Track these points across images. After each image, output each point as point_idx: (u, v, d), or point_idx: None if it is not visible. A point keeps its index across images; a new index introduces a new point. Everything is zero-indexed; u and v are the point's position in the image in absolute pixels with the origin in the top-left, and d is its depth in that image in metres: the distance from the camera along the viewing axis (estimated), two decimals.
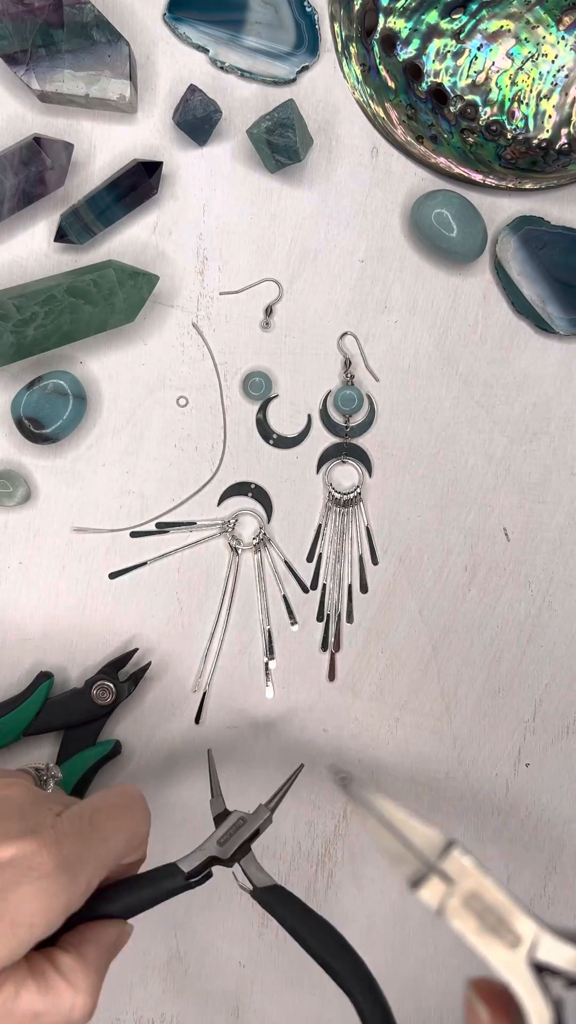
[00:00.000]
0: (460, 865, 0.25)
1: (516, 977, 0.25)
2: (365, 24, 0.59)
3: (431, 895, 0.25)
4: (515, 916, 0.25)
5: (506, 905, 0.25)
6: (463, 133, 0.59)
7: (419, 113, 0.59)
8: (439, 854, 0.25)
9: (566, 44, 0.56)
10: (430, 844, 0.25)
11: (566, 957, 0.25)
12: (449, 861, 0.25)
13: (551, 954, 0.25)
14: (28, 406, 0.58)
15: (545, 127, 0.58)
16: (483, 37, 0.56)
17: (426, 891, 0.25)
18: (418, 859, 0.25)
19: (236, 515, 0.62)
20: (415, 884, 0.25)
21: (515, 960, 0.25)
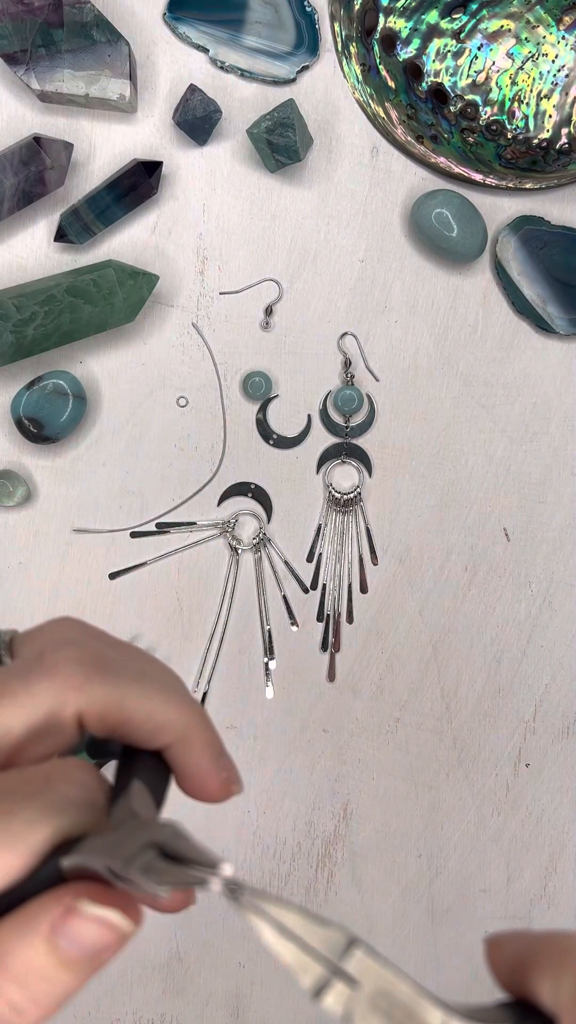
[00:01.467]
0: (363, 963, 0.24)
1: None
2: (365, 24, 0.58)
3: (336, 1002, 0.24)
4: (422, 1007, 0.24)
5: (413, 998, 0.24)
6: (463, 133, 0.59)
7: (419, 113, 0.59)
8: (341, 954, 0.24)
9: (566, 44, 0.56)
10: (331, 945, 0.24)
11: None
12: (353, 962, 0.24)
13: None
14: (28, 406, 0.58)
15: (545, 127, 0.57)
16: (483, 37, 0.56)
17: (330, 998, 0.24)
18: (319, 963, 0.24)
19: (236, 515, 0.62)
20: (318, 993, 0.24)
21: None
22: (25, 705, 0.26)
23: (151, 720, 0.28)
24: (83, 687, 0.27)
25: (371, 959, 0.24)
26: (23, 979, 0.24)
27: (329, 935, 0.24)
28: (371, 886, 0.65)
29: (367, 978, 0.24)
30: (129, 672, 0.28)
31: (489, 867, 0.65)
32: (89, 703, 0.27)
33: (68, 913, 0.24)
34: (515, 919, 0.66)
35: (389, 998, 0.24)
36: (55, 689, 0.26)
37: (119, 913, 0.24)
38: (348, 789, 0.64)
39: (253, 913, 0.24)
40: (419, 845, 0.65)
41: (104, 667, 0.28)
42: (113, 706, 0.27)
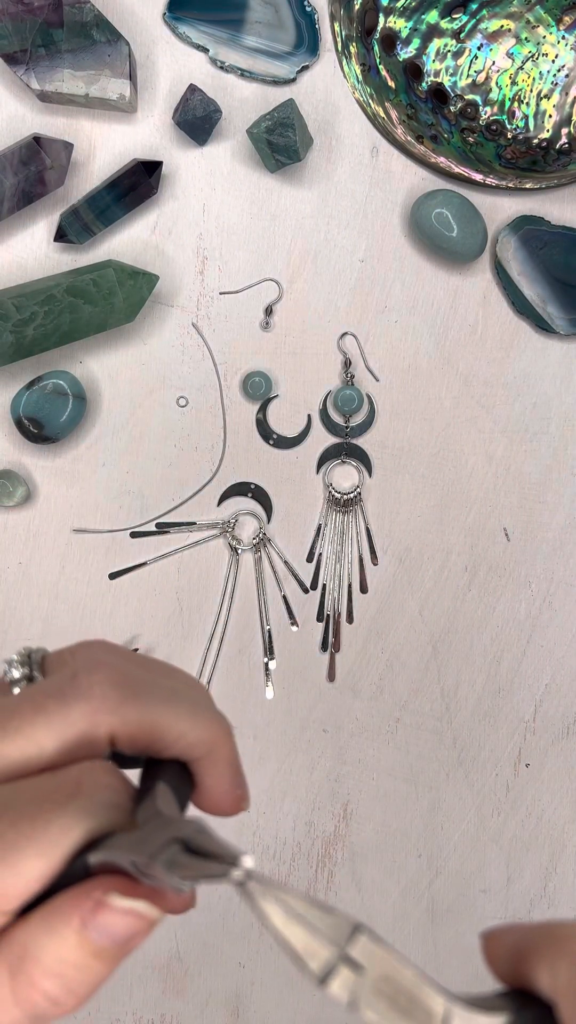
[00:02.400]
0: (368, 949, 0.24)
1: None
2: (365, 23, 0.58)
3: (341, 987, 0.24)
4: (425, 993, 0.25)
5: (416, 983, 0.25)
6: (463, 133, 0.59)
7: (419, 113, 0.59)
8: (346, 940, 0.24)
9: (566, 44, 0.56)
10: (336, 931, 0.24)
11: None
12: (358, 947, 0.24)
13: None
14: (28, 406, 0.58)
15: (545, 127, 0.57)
16: (483, 37, 0.56)
17: (336, 984, 0.24)
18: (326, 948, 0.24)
19: (236, 515, 0.62)
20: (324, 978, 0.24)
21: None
22: (59, 724, 0.26)
23: (182, 739, 0.29)
24: (117, 709, 0.27)
25: (375, 945, 0.24)
26: (57, 971, 0.24)
27: (334, 921, 0.24)
28: (371, 886, 0.65)
29: (371, 964, 0.24)
30: (162, 693, 0.29)
31: (489, 867, 0.65)
32: (123, 724, 0.27)
33: (98, 906, 0.25)
34: (515, 919, 0.66)
35: (393, 983, 0.24)
36: (90, 710, 0.27)
37: (146, 903, 0.25)
38: (348, 789, 0.64)
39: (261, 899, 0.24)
40: (419, 845, 0.65)
41: (138, 689, 0.28)
42: (146, 727, 0.28)
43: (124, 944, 0.25)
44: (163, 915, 0.26)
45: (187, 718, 0.28)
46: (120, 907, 0.25)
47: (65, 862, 0.25)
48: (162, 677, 0.30)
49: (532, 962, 0.25)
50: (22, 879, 0.24)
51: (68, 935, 0.24)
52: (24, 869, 0.24)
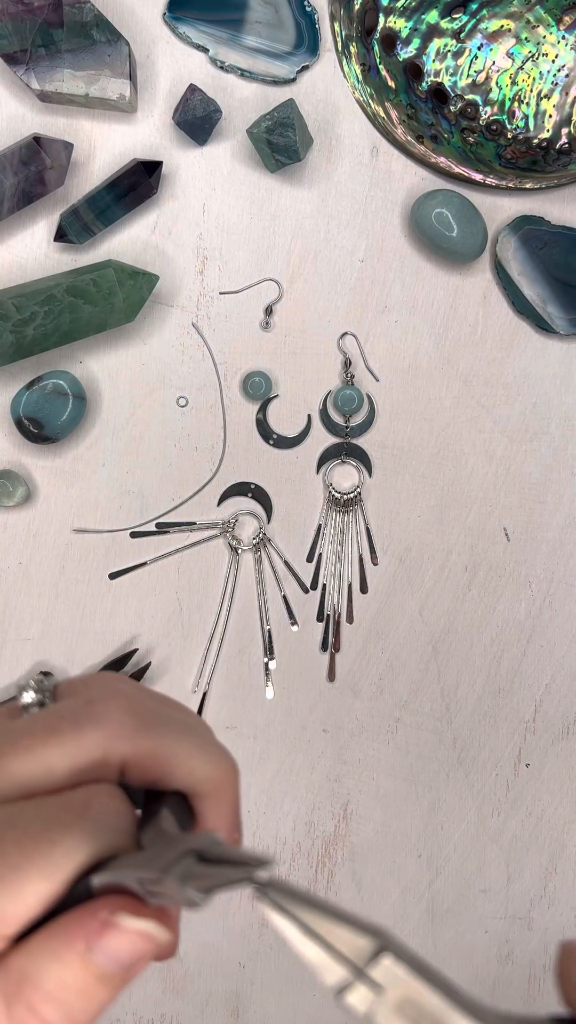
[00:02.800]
0: (391, 973, 0.23)
1: None
2: (365, 23, 0.58)
3: (359, 1001, 0.23)
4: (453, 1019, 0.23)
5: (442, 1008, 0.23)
6: (463, 133, 0.59)
7: (419, 113, 0.59)
8: (367, 961, 0.23)
9: (566, 43, 0.56)
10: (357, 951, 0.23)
11: None
12: (379, 969, 0.23)
13: None
14: (28, 406, 0.58)
15: (545, 127, 0.57)
16: (483, 36, 0.56)
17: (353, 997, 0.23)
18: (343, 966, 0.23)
19: (236, 515, 0.62)
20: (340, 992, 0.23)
21: None
22: (72, 747, 0.26)
23: (192, 774, 0.28)
24: (132, 737, 0.27)
25: (400, 968, 0.23)
26: (58, 997, 0.23)
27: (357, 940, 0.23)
28: (371, 886, 0.65)
29: (393, 985, 0.23)
30: (175, 725, 0.28)
31: (489, 867, 0.65)
32: (135, 753, 0.27)
33: (105, 927, 0.23)
34: (515, 919, 0.66)
35: (416, 1007, 0.23)
36: (104, 736, 0.26)
37: (155, 923, 0.24)
38: (348, 789, 0.64)
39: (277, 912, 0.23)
40: (419, 845, 0.65)
41: (152, 719, 0.28)
42: (158, 758, 0.27)
43: (129, 969, 0.24)
44: (171, 937, 0.25)
45: (199, 753, 0.28)
46: (128, 928, 0.24)
47: (68, 884, 0.24)
48: (177, 712, 0.30)
49: None
50: (24, 902, 0.23)
51: (72, 959, 0.23)
52: (27, 891, 0.23)
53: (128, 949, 0.24)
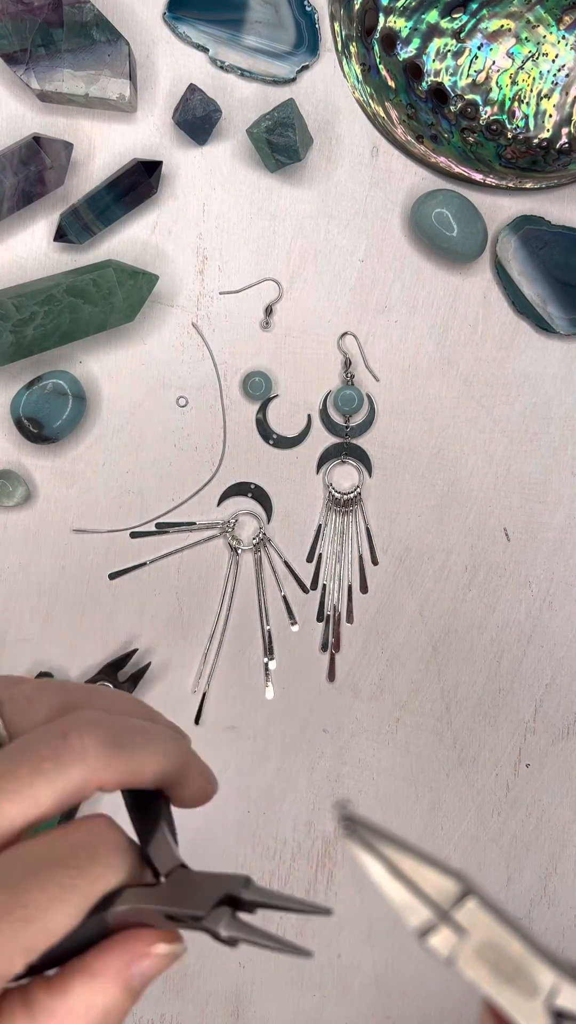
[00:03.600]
0: (475, 916, 0.24)
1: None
2: (365, 23, 0.58)
3: (440, 945, 0.24)
4: (534, 965, 0.24)
5: (524, 955, 0.24)
6: (463, 132, 0.58)
7: (419, 112, 0.59)
8: (453, 903, 0.24)
9: (566, 43, 0.56)
10: (443, 893, 0.24)
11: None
12: (463, 912, 0.24)
13: (572, 1001, 0.24)
14: (28, 406, 0.58)
15: (546, 126, 0.57)
16: (483, 36, 0.56)
17: (435, 940, 0.24)
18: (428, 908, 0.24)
19: (235, 515, 0.62)
20: (424, 933, 0.24)
21: (533, 1008, 0.24)
22: (58, 784, 0.28)
23: (161, 778, 0.31)
24: (109, 765, 0.29)
25: (484, 912, 0.24)
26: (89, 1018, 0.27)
27: (444, 882, 0.24)
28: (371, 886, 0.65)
29: (477, 929, 0.24)
30: (140, 739, 0.31)
31: (489, 867, 0.65)
32: (112, 777, 0.29)
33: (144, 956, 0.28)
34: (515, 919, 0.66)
35: (498, 951, 0.24)
36: (86, 771, 0.29)
37: (181, 945, 0.28)
38: (348, 789, 0.64)
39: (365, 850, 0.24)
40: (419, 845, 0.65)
41: (123, 742, 0.30)
42: (133, 774, 0.30)
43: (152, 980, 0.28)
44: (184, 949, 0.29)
45: (163, 756, 0.31)
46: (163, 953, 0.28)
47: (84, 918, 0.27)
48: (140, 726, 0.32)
49: None
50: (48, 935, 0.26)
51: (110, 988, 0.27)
52: (53, 926, 0.26)
53: (157, 969, 0.28)
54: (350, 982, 0.65)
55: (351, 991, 0.65)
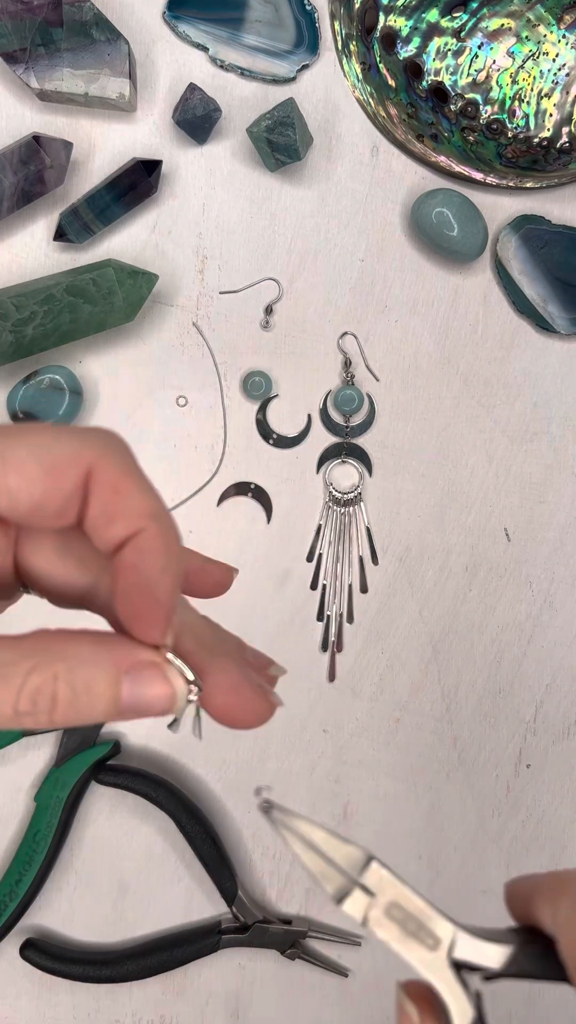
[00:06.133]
0: (379, 877, 0.27)
1: (438, 977, 0.27)
2: (365, 22, 0.58)
3: (354, 908, 0.27)
4: (433, 920, 0.28)
5: (424, 911, 0.28)
6: (464, 132, 0.58)
7: (419, 111, 0.59)
8: (360, 869, 0.27)
9: (567, 42, 0.56)
10: (351, 860, 0.27)
11: (481, 953, 0.27)
12: (369, 875, 0.27)
13: (467, 952, 0.27)
14: (24, 401, 0.58)
15: (546, 126, 0.57)
16: (484, 35, 0.56)
17: (349, 904, 0.27)
18: (341, 875, 0.27)
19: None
20: (340, 899, 0.27)
21: (436, 961, 0.27)
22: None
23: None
24: None
25: (387, 873, 0.28)
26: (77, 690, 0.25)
27: (350, 851, 0.27)
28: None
29: (383, 890, 0.28)
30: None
31: (489, 868, 0.65)
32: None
33: (150, 666, 0.26)
34: None
35: (403, 910, 0.28)
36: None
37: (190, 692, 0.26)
38: (348, 790, 0.64)
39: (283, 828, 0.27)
40: (419, 846, 0.65)
41: None
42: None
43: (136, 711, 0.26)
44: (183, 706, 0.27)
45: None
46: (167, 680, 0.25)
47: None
48: None
49: (538, 902, 0.28)
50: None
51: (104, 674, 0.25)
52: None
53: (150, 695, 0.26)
54: (350, 983, 0.65)
55: (351, 992, 0.65)
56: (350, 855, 0.28)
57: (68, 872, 0.63)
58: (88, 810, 0.63)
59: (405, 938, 0.27)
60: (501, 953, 0.28)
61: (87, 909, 0.63)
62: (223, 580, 0.31)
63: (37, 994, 0.63)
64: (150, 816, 0.63)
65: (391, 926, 0.27)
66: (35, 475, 0.25)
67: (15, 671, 0.25)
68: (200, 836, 0.61)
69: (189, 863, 0.63)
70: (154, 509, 0.26)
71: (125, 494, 0.26)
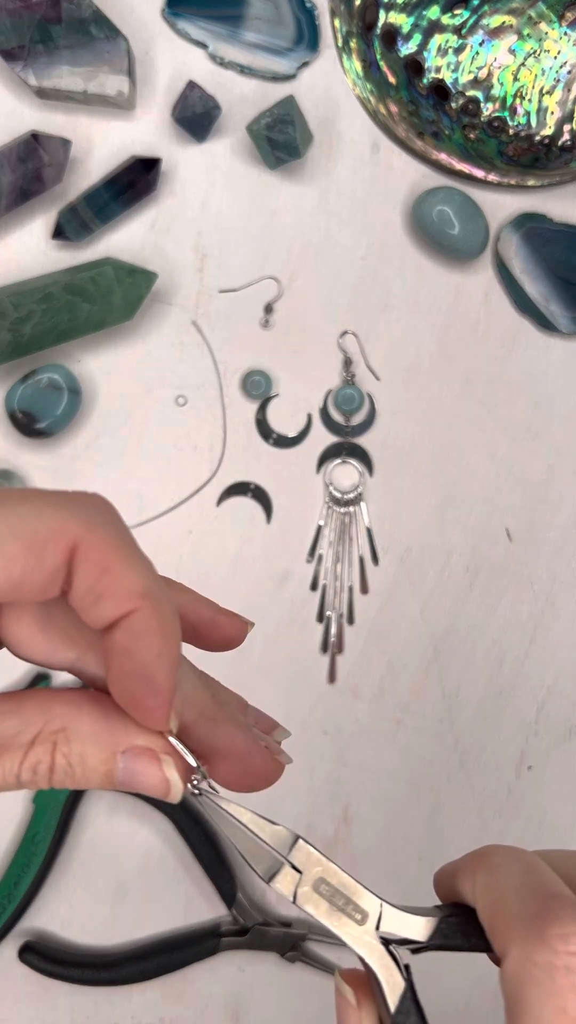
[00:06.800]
0: (306, 854, 0.29)
1: (368, 950, 0.28)
2: (366, 19, 0.58)
3: (284, 885, 0.28)
4: (360, 895, 0.29)
5: (351, 885, 0.29)
6: (465, 129, 0.58)
7: (420, 109, 0.58)
8: (288, 848, 0.29)
9: (569, 40, 0.56)
10: (278, 839, 0.29)
11: (407, 926, 0.29)
12: (296, 852, 0.29)
13: (393, 925, 0.29)
14: (22, 400, 0.57)
15: (548, 123, 0.57)
16: (485, 33, 0.56)
17: (279, 882, 0.28)
18: (270, 854, 0.29)
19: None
20: (270, 877, 0.28)
21: (364, 934, 0.29)
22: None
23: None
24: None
25: (313, 850, 0.29)
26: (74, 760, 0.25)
27: (277, 830, 0.29)
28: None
29: (310, 868, 0.29)
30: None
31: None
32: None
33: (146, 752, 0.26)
34: None
35: (330, 885, 0.29)
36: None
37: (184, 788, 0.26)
38: (348, 792, 0.64)
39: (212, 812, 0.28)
40: (420, 848, 0.64)
41: None
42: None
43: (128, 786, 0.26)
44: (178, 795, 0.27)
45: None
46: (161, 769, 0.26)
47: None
48: None
49: (459, 878, 0.29)
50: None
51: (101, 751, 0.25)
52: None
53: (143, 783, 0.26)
54: None
55: None
56: (277, 833, 0.29)
57: (67, 874, 0.62)
58: (87, 812, 0.62)
59: (333, 912, 0.28)
60: (426, 925, 0.29)
61: (86, 912, 0.63)
62: (236, 635, 0.31)
63: (36, 997, 0.63)
64: (149, 818, 0.62)
65: (320, 901, 0.28)
66: (14, 553, 0.23)
67: (18, 742, 0.25)
68: (199, 838, 0.61)
69: (188, 865, 0.63)
70: (147, 587, 0.24)
71: (114, 573, 0.24)
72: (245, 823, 0.29)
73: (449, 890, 0.30)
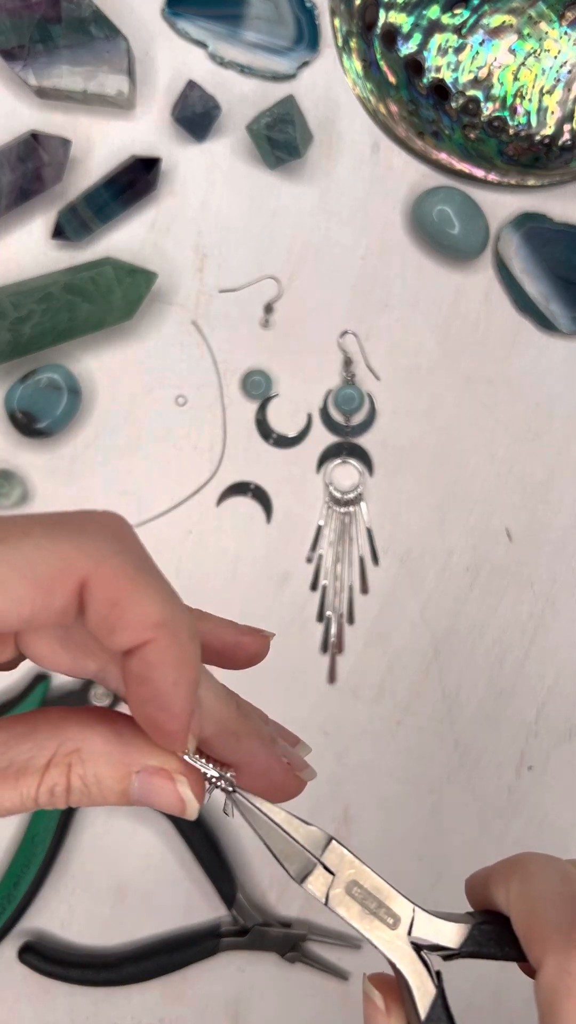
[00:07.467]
0: (339, 856, 0.29)
1: (399, 955, 0.28)
2: (366, 19, 0.58)
3: (316, 887, 0.28)
4: (392, 899, 0.28)
5: (384, 890, 0.29)
6: (465, 129, 0.58)
7: (420, 109, 0.58)
8: (321, 849, 0.29)
9: (569, 39, 0.56)
10: (312, 840, 0.29)
11: (439, 932, 0.29)
12: (329, 854, 0.29)
13: (426, 930, 0.28)
14: (22, 399, 0.57)
15: (548, 123, 0.57)
16: (485, 32, 0.56)
17: (312, 883, 0.28)
18: (303, 855, 0.28)
19: None
20: (302, 879, 0.28)
21: (396, 939, 0.28)
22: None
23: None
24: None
25: (346, 852, 0.29)
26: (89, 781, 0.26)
27: (311, 831, 0.29)
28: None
29: (343, 870, 0.29)
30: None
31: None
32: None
33: (160, 772, 0.26)
34: None
35: (363, 888, 0.29)
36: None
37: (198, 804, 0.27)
38: (348, 792, 0.64)
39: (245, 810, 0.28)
40: (420, 849, 0.64)
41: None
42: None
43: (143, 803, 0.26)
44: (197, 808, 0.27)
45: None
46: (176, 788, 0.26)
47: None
48: None
49: (492, 885, 0.29)
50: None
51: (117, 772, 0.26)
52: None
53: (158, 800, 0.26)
54: (350, 987, 0.64)
55: (351, 996, 0.64)
56: (311, 834, 0.29)
57: (66, 875, 0.62)
58: (86, 812, 0.62)
59: (366, 916, 0.28)
60: (458, 932, 0.29)
61: (86, 912, 0.63)
62: (260, 651, 0.31)
63: (35, 997, 0.63)
64: (149, 818, 0.62)
65: (352, 904, 0.28)
66: (22, 595, 0.23)
67: (34, 765, 0.25)
68: (199, 838, 0.61)
69: (188, 866, 0.63)
70: (161, 616, 0.24)
71: (124, 606, 0.23)
72: (279, 823, 0.28)
73: (481, 897, 0.30)
